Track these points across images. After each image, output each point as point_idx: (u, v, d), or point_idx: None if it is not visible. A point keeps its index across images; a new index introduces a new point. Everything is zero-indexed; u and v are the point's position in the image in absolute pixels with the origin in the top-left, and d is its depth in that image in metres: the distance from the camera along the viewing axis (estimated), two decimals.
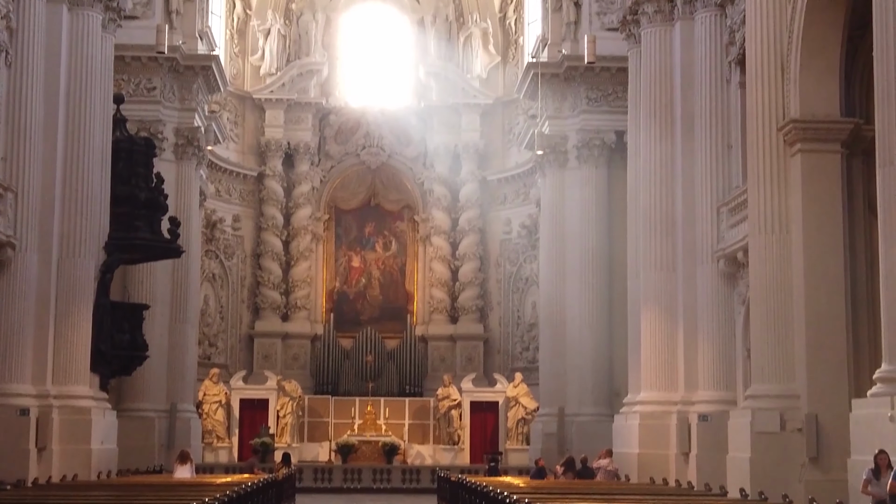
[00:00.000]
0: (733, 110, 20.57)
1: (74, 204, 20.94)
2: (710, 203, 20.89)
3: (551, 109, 30.16)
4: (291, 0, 37.54)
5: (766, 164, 17.14)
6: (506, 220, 36.24)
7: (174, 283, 28.65)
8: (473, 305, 36.43)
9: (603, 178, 29.33)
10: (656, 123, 22.22)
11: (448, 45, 37.30)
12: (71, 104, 21.08)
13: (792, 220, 16.90)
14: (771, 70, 17.26)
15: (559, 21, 30.30)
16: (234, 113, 36.27)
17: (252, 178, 36.16)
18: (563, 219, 29.92)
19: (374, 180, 37.07)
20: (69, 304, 20.79)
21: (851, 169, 17.07)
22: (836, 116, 16.91)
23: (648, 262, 22.31)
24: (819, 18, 16.68)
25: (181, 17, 29.18)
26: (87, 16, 21.42)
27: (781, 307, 16.83)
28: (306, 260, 36.39)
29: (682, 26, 21.78)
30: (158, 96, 28.59)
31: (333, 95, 37.46)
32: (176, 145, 28.98)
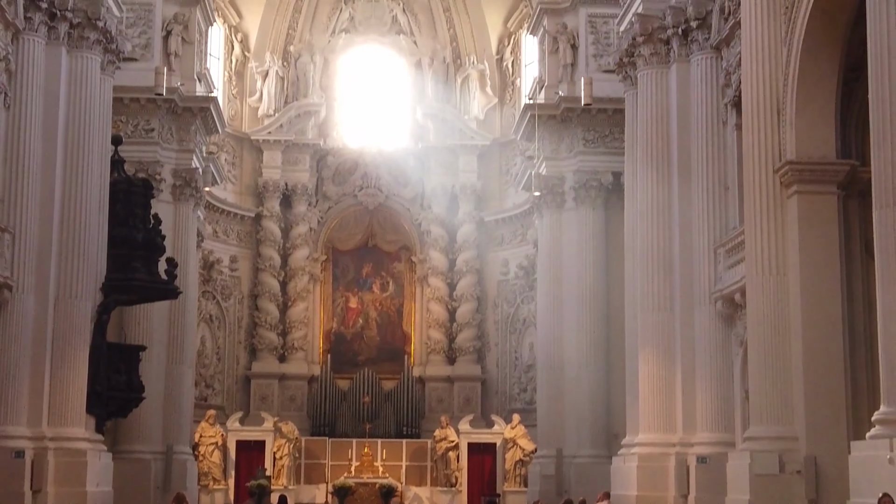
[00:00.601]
0: (730, 152, 20.63)
1: (72, 245, 20.93)
2: (708, 244, 20.90)
3: (548, 151, 30.25)
4: (289, 42, 37.73)
5: (762, 205, 17.17)
6: (503, 260, 36.25)
7: (171, 324, 28.59)
8: (471, 346, 36.35)
9: (600, 219, 29.37)
10: (653, 165, 22.27)
11: (445, 86, 37.46)
12: (69, 146, 21.13)
13: (789, 261, 16.90)
14: (767, 112, 17.32)
15: (556, 63, 30.46)
16: (232, 154, 36.35)
17: (249, 219, 36.19)
18: (560, 260, 29.93)
19: (371, 221, 37.10)
20: (66, 346, 20.74)
21: (848, 210, 17.09)
22: (833, 158, 16.95)
23: (646, 303, 22.28)
24: (814, 61, 16.77)
25: (180, 59, 29.32)
26: (86, 58, 21.52)
27: (779, 349, 16.79)
28: (304, 301, 36.35)
29: (678, 68, 21.88)
30: (157, 137, 28.66)
31: (331, 136, 37.58)
32: (174, 186, 29.02)
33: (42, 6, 20.32)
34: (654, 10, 22.19)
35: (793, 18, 17.00)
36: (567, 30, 30.19)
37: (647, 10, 22.26)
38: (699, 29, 21.18)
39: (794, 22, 16.98)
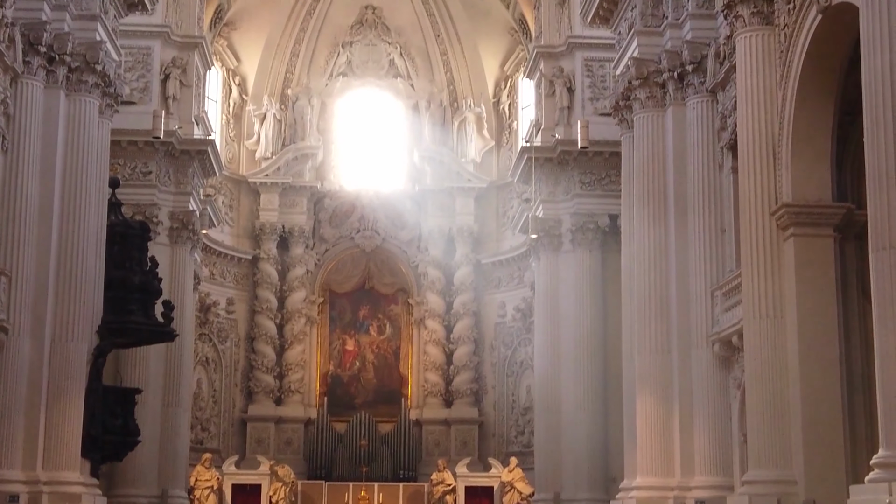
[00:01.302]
0: (726, 194, 20.66)
1: (68, 288, 20.88)
2: (705, 287, 20.88)
3: (545, 193, 30.33)
4: (287, 85, 37.92)
5: (759, 248, 17.19)
6: (500, 303, 36.23)
7: (167, 366, 28.51)
8: (468, 389, 36.26)
9: (597, 261, 29.39)
10: (649, 207, 22.30)
11: (442, 129, 37.63)
12: (67, 189, 21.13)
13: (786, 304, 16.90)
14: (762, 155, 17.39)
15: (552, 106, 30.60)
16: (230, 196, 36.42)
17: (246, 262, 36.20)
18: (557, 302, 29.92)
19: (368, 264, 37.13)
20: (61, 389, 20.63)
21: (844, 253, 17.11)
22: (828, 201, 17.00)
23: (643, 346, 22.22)
24: (809, 105, 16.86)
25: (178, 103, 29.45)
26: (84, 101, 21.56)
27: (777, 392, 16.75)
28: (300, 343, 36.29)
29: (674, 112, 21.96)
30: (154, 180, 28.73)
31: (328, 179, 37.68)
32: (171, 229, 29.04)
33: (41, 50, 20.40)
34: (649, 53, 22.31)
35: (787, 62, 17.11)
36: (563, 73, 30.37)
37: (642, 54, 22.38)
38: (694, 73, 21.29)
39: (788, 66, 17.09)
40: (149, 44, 29.08)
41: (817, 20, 16.18)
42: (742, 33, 17.98)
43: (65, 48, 20.84)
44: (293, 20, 37.57)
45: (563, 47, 30.36)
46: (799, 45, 16.78)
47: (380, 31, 38.37)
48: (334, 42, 38.36)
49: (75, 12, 21.36)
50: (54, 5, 20.83)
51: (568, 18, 30.48)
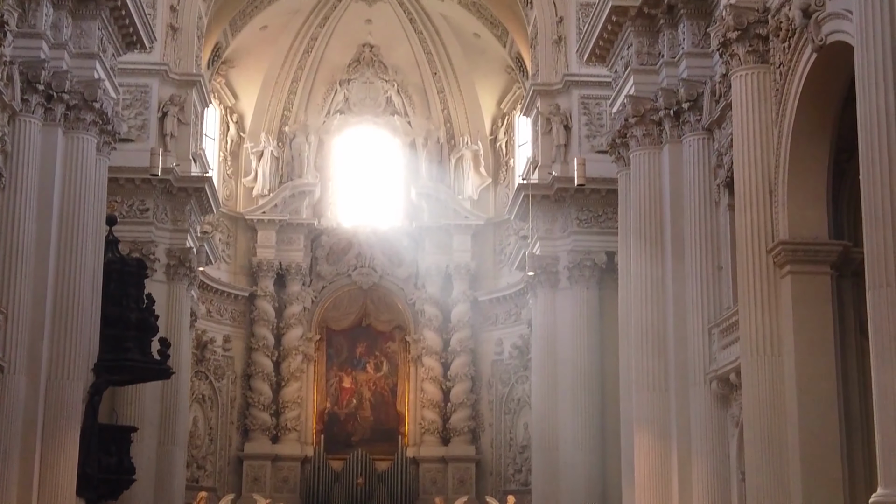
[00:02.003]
0: (723, 232, 20.68)
1: (64, 326, 20.83)
2: (702, 324, 20.84)
3: (542, 230, 30.34)
4: (285, 123, 38.07)
5: (756, 285, 17.18)
6: (497, 340, 36.19)
7: (163, 404, 28.39)
8: (465, 427, 36.14)
9: (594, 298, 29.36)
10: (646, 245, 22.31)
11: (439, 166, 37.73)
12: (64, 226, 21.12)
13: (784, 342, 16.87)
14: (759, 193, 17.41)
15: (549, 143, 30.67)
16: (227, 234, 36.44)
17: (243, 299, 36.17)
18: (554, 339, 29.86)
19: (365, 301, 37.12)
20: (56, 427, 20.53)
21: (842, 291, 17.10)
22: (825, 239, 17.00)
23: (641, 383, 22.16)
24: (805, 142, 16.91)
25: (175, 140, 29.49)
26: (82, 139, 21.59)
27: (775, 430, 16.68)
28: (297, 381, 36.21)
29: (670, 149, 22.00)
30: (151, 217, 28.73)
31: (325, 216, 37.73)
32: (168, 266, 29.01)
33: (39, 88, 20.45)
34: (645, 91, 22.39)
35: (783, 100, 17.18)
36: (560, 111, 30.46)
37: (638, 92, 22.46)
38: (691, 110, 21.36)
39: (784, 104, 17.15)
40: (147, 82, 29.17)
41: (812, 59, 16.26)
42: (737, 72, 18.06)
43: (63, 86, 20.90)
44: (291, 58, 37.76)
45: (560, 85, 30.48)
46: (794, 84, 16.84)
47: (377, 68, 38.56)
48: (332, 80, 38.54)
49: (74, 51, 21.44)
50: (53, 44, 20.92)
51: (564, 56, 30.63)
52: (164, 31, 29.49)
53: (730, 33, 17.97)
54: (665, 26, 21.96)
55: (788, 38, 16.95)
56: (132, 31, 23.13)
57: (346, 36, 37.81)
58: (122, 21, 22.60)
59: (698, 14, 21.20)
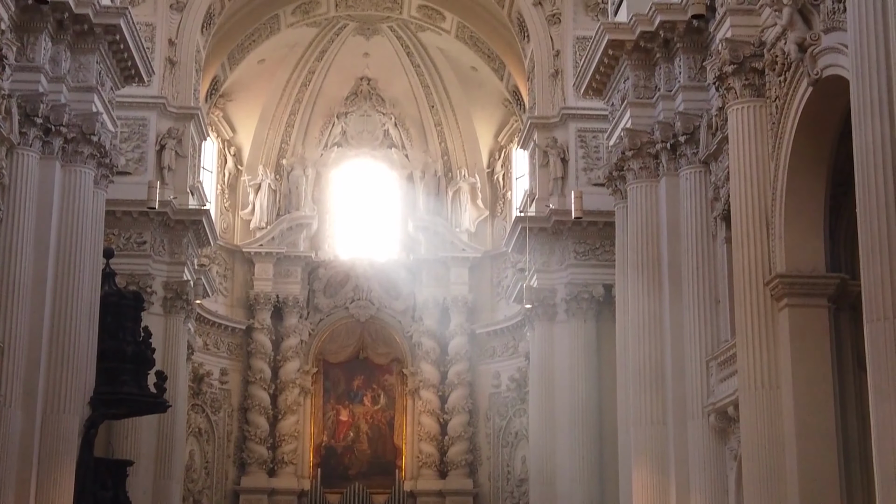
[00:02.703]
0: (720, 265, 20.68)
1: (61, 359, 20.77)
2: (700, 357, 20.82)
3: (539, 263, 30.34)
4: (282, 156, 38.16)
5: (753, 318, 17.17)
6: (495, 373, 36.11)
7: (159, 438, 28.26)
8: (463, 460, 36.00)
9: (592, 331, 29.31)
10: (644, 277, 22.31)
11: (437, 199, 37.79)
12: (61, 259, 21.11)
13: (782, 374, 16.85)
14: (756, 226, 17.44)
15: (546, 176, 30.71)
16: (224, 266, 36.42)
17: (240, 332, 36.11)
18: (552, 372, 29.79)
19: (362, 333, 37.07)
20: (52, 462, 20.43)
21: (839, 324, 17.10)
22: (822, 272, 17.02)
23: (638, 417, 22.10)
24: (802, 176, 16.96)
25: (173, 173, 29.51)
26: (79, 172, 21.61)
27: (774, 463, 16.64)
28: (294, 414, 36.09)
29: (667, 182, 22.05)
30: (148, 250, 28.70)
31: (323, 249, 37.75)
32: (165, 299, 28.96)
33: (37, 121, 20.49)
34: (642, 124, 22.45)
35: (779, 134, 17.24)
36: (557, 144, 30.53)
37: (635, 125, 22.52)
38: (687, 143, 21.41)
39: (780, 137, 17.21)
40: (145, 115, 29.23)
41: (808, 92, 16.33)
42: (734, 105, 18.14)
43: (61, 119, 20.95)
44: (288, 91, 37.89)
45: (557, 118, 30.57)
46: (790, 117, 16.91)
47: (374, 101, 38.69)
48: (329, 113, 38.66)
49: (72, 84, 21.50)
50: (52, 77, 20.98)
51: (561, 90, 30.73)
52: (163, 64, 29.59)
53: (726, 67, 18.06)
54: (661, 60, 22.06)
55: (784, 71, 17.03)
56: (130, 65, 23.21)
57: (343, 69, 37.95)
58: (120, 55, 22.68)
59: (694, 48, 21.31)
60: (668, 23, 21.39)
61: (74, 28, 21.34)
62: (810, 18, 16.02)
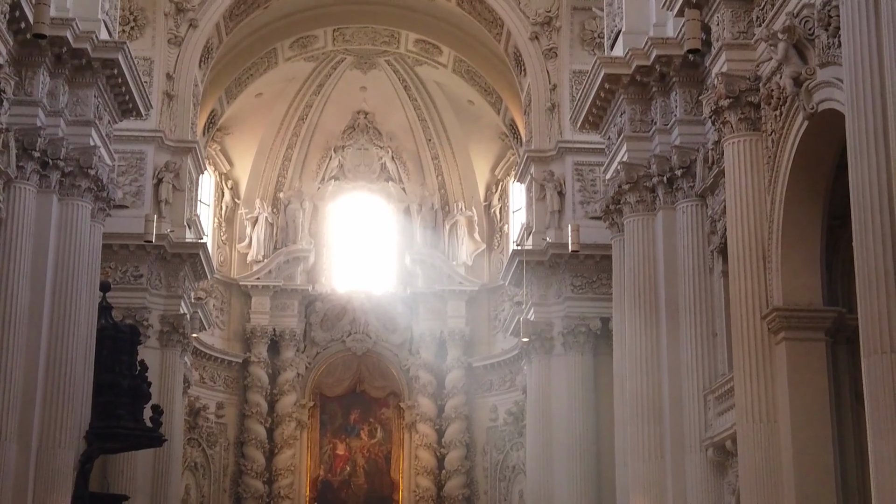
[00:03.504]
0: (717, 298, 20.68)
1: (57, 393, 20.70)
2: (697, 391, 20.77)
3: (536, 296, 30.32)
4: (279, 189, 38.20)
5: (751, 352, 17.14)
6: (492, 406, 36.00)
7: (155, 472, 28.12)
8: (460, 494, 35.82)
9: (589, 365, 29.25)
10: (641, 311, 22.29)
11: (434, 232, 37.81)
12: (57, 293, 21.09)
13: (779, 408, 16.80)
14: (753, 259, 17.45)
15: (543, 209, 30.74)
16: (221, 300, 36.37)
17: (237, 365, 36.02)
18: (549, 406, 29.70)
19: (359, 367, 37.00)
20: (47, 496, 20.31)
21: (837, 357, 17.08)
22: (819, 305, 17.01)
23: (636, 451, 22.02)
24: (798, 209, 16.98)
25: (170, 206, 29.51)
26: (77, 206, 21.63)
27: (772, 498, 16.56)
28: (290, 448, 35.94)
29: (663, 215, 22.08)
30: (145, 283, 28.66)
31: (320, 282, 37.72)
32: (161, 332, 28.90)
33: (35, 155, 20.52)
34: (638, 158, 22.51)
35: (775, 167, 17.28)
36: (554, 177, 30.58)
37: (632, 159, 22.58)
38: (684, 177, 21.45)
39: (776, 171, 17.25)
40: (142, 148, 29.27)
41: (804, 126, 16.38)
42: (730, 139, 18.18)
43: (59, 153, 20.98)
44: (286, 125, 38.00)
45: (554, 152, 30.64)
46: (786, 151, 16.96)
47: (371, 135, 38.79)
48: (326, 146, 38.74)
49: (70, 118, 21.55)
50: (49, 111, 21.03)
51: (558, 123, 30.82)
52: (160, 98, 29.67)
53: (722, 101, 18.12)
54: (657, 94, 22.14)
55: (780, 105, 17.09)
56: (128, 99, 23.27)
57: (341, 103, 38.08)
58: (118, 89, 22.74)
59: (690, 82, 21.40)
60: (664, 57, 21.49)
61: (73, 62, 21.41)
62: (805, 53, 16.09)
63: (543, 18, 30.86)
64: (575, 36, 30.74)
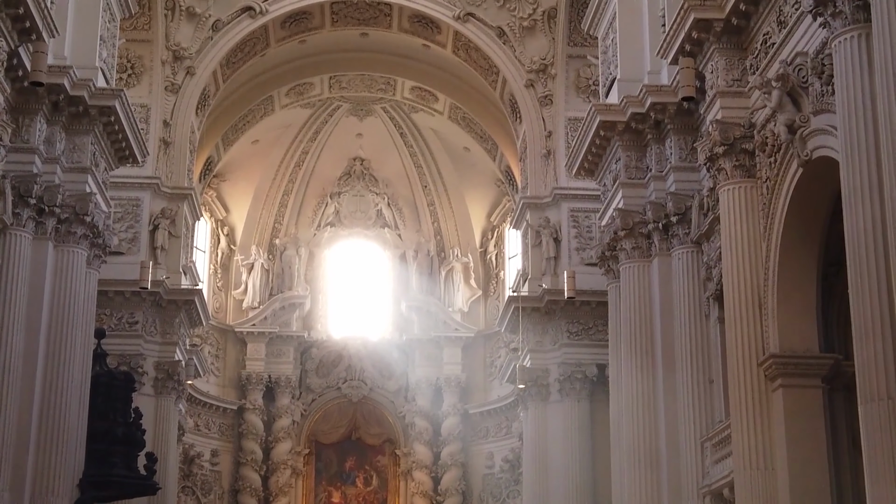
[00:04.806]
0: (713, 345, 20.63)
1: (50, 441, 20.57)
2: (694, 438, 20.67)
3: (532, 343, 30.25)
4: (275, 235, 38.24)
5: (748, 399, 17.10)
6: (488, 454, 35.82)
7: None
8: None
9: (585, 411, 29.14)
10: (637, 357, 22.24)
11: (430, 279, 37.80)
12: (52, 340, 21.02)
13: (777, 456, 16.73)
14: (748, 306, 17.44)
15: (539, 256, 30.74)
16: (216, 346, 36.29)
17: (232, 412, 35.86)
18: (546, 453, 29.55)
19: (355, 414, 36.86)
20: None
21: (833, 404, 17.03)
22: (816, 352, 16.99)
23: (634, 498, 21.88)
24: (793, 256, 17.00)
25: (166, 253, 29.49)
26: (72, 253, 21.60)
27: None
28: (285, 496, 35.71)
29: (659, 262, 22.08)
30: (140, 330, 28.58)
31: (315, 328, 37.66)
32: (156, 379, 28.77)
33: (31, 202, 20.52)
34: (634, 205, 22.55)
35: (770, 214, 17.32)
36: (549, 224, 30.61)
37: (627, 205, 22.63)
38: (679, 224, 21.49)
39: (772, 217, 17.29)
40: (139, 195, 29.29)
41: (798, 173, 16.44)
42: (725, 186, 18.24)
43: (55, 200, 20.99)
44: (282, 171, 38.10)
45: (549, 198, 30.69)
46: (781, 198, 17.00)
47: (367, 181, 38.89)
48: (322, 193, 38.83)
49: (66, 165, 21.58)
50: (46, 158, 21.06)
51: (553, 170, 30.90)
52: (157, 145, 29.75)
53: (716, 148, 18.20)
54: (652, 141, 22.23)
55: (774, 153, 17.16)
56: (125, 146, 23.32)
57: (337, 149, 38.21)
58: (114, 136, 22.80)
59: (685, 129, 21.49)
60: (659, 104, 21.60)
61: (70, 109, 21.47)
62: (799, 100, 16.18)
63: (539, 66, 31.03)
64: (570, 83, 30.91)
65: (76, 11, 22.18)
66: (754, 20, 17.92)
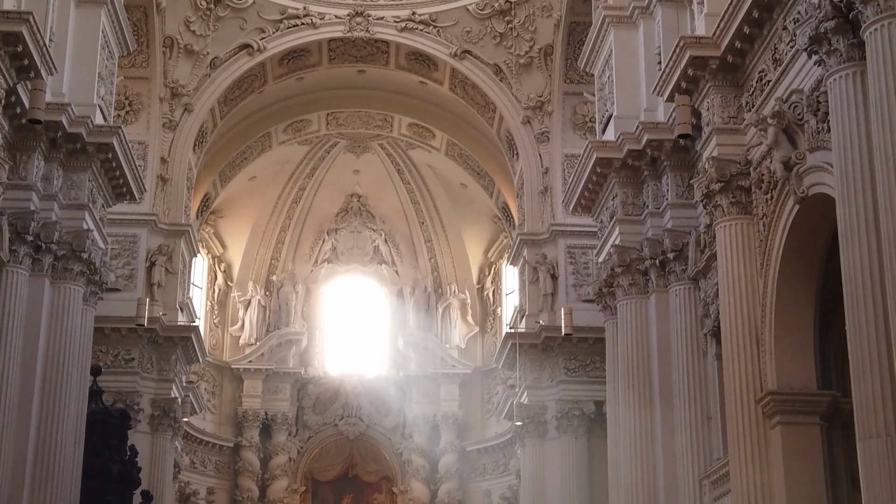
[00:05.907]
0: (711, 381, 20.57)
1: (45, 479, 20.45)
2: (693, 475, 20.56)
3: (530, 380, 30.18)
4: (272, 272, 38.24)
5: (746, 436, 17.03)
6: (486, 491, 35.66)
7: None
8: None
9: (583, 448, 29.03)
10: (635, 394, 22.17)
11: (427, 315, 37.77)
12: (48, 377, 20.94)
13: (775, 493, 16.65)
14: (746, 343, 17.41)
15: (536, 292, 30.73)
16: (212, 383, 36.19)
17: (228, 449, 35.72)
18: (543, 490, 29.42)
19: (352, 451, 36.73)
20: None
21: (832, 441, 16.96)
22: (814, 389, 16.94)
23: None
24: (790, 293, 16.99)
25: (163, 290, 29.45)
26: (69, 289, 21.56)
27: None
28: None
29: (656, 299, 22.05)
30: (136, 367, 28.50)
31: (312, 365, 37.59)
32: (152, 416, 28.68)
33: (28, 239, 20.51)
34: (631, 241, 22.56)
35: (767, 251, 17.33)
36: (546, 260, 30.63)
37: (624, 242, 22.62)
38: (676, 260, 21.48)
39: (768, 254, 17.30)
40: (136, 231, 29.30)
41: (795, 210, 16.47)
42: (721, 222, 18.26)
43: (52, 237, 20.97)
44: (279, 208, 38.16)
45: (546, 235, 30.73)
46: (778, 234, 17.02)
47: (365, 218, 38.95)
48: (319, 229, 38.88)
49: (64, 202, 21.58)
50: (43, 195, 21.06)
51: (550, 206, 30.95)
52: (154, 181, 29.80)
53: (713, 185, 18.23)
54: (649, 178, 22.27)
55: (771, 189, 17.20)
56: (122, 183, 23.34)
57: (334, 186, 38.29)
58: (112, 173, 22.81)
59: (681, 166, 21.52)
60: (656, 141, 21.64)
61: (67, 147, 21.49)
62: (795, 138, 16.23)
63: (535, 103, 31.16)
64: (567, 120, 31.02)
65: (74, 49, 22.26)
66: (750, 58, 18.00)
